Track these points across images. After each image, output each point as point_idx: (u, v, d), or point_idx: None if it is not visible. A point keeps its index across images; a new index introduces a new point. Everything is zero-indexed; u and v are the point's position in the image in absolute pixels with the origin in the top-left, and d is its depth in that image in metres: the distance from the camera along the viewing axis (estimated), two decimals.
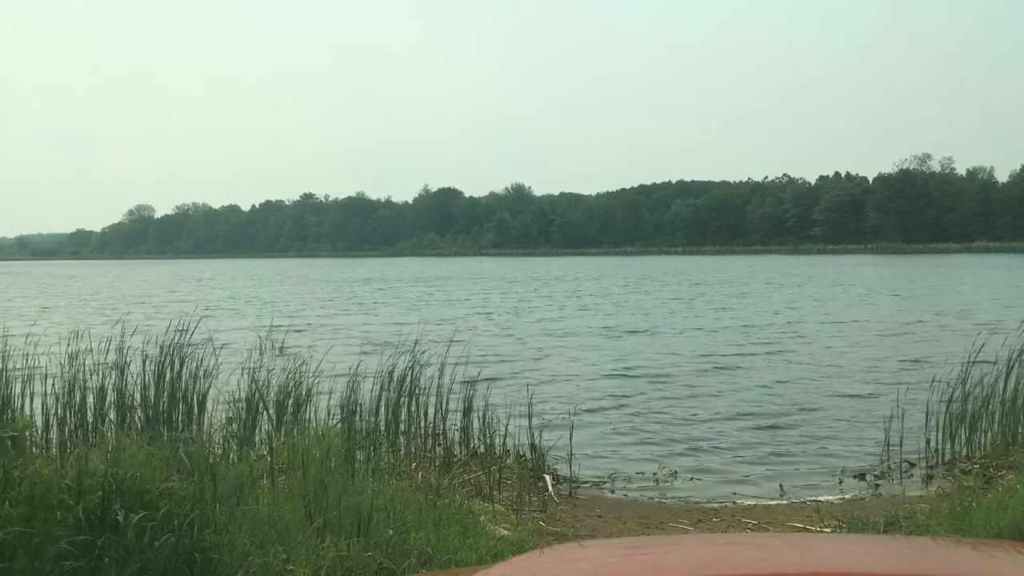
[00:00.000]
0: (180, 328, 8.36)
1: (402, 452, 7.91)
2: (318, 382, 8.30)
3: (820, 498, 7.77)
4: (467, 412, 8.37)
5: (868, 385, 13.79)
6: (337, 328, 24.14)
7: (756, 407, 12.19)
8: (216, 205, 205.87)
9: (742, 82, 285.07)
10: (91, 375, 7.82)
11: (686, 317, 27.38)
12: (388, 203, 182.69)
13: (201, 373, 8.10)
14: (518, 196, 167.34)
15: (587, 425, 10.84)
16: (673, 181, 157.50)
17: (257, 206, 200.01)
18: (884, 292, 37.42)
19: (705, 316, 27.65)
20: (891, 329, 22.50)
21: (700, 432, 10.67)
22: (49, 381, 7.92)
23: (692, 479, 8.61)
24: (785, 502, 7.77)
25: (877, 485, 8.26)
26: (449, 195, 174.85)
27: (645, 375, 15.31)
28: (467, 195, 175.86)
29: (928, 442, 8.78)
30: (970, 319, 23.96)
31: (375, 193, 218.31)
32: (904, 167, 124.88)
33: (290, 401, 8.01)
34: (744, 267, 72.78)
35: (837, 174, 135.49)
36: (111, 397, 7.75)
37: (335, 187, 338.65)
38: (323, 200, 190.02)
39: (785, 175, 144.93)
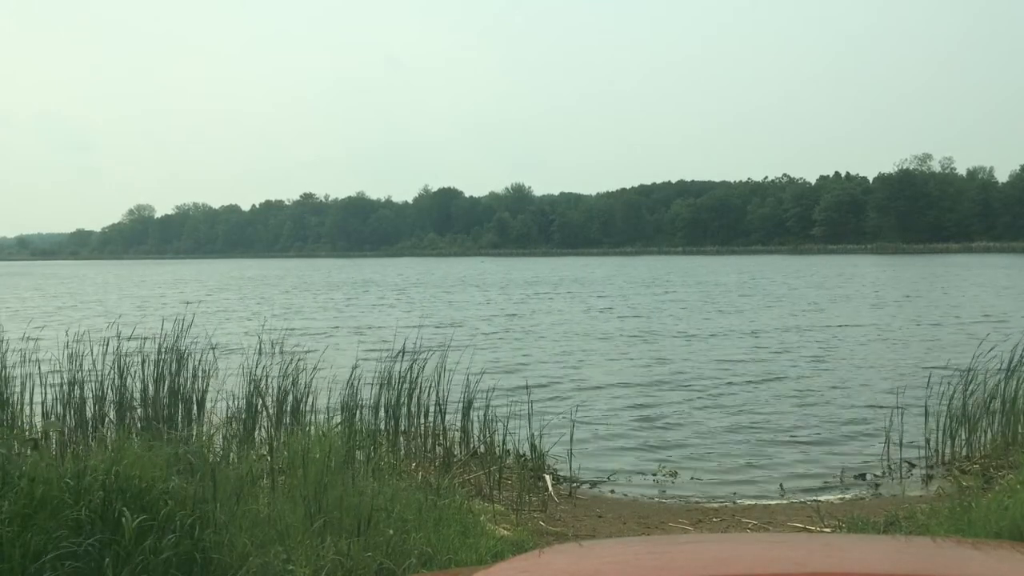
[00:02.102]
0: (180, 329, 8.35)
1: (402, 452, 7.91)
2: (318, 382, 8.30)
3: (820, 498, 7.77)
4: (467, 412, 8.37)
5: (869, 386, 13.79)
6: (353, 331, 24.12)
7: (757, 407, 12.19)
8: (216, 205, 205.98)
9: (742, 82, 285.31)
10: (91, 375, 7.82)
11: (689, 320, 27.37)
12: (388, 203, 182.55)
13: (201, 373, 8.10)
14: (518, 196, 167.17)
15: (588, 424, 10.83)
16: (673, 181, 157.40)
17: (257, 206, 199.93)
18: (901, 294, 37.02)
19: (706, 318, 27.65)
20: (899, 332, 22.50)
21: (700, 432, 10.67)
22: (49, 381, 7.92)
23: (692, 479, 8.61)
24: (785, 502, 7.78)
25: (877, 485, 8.26)
26: (449, 195, 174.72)
27: (645, 375, 15.31)
28: (467, 195, 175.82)
29: (928, 442, 8.78)
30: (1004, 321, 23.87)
31: (375, 193, 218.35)
32: (904, 167, 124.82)
33: (289, 400, 8.01)
34: (753, 267, 72.51)
35: (837, 174, 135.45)
36: (111, 397, 7.75)
37: (335, 187, 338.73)
38: (323, 200, 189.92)
39: (785, 175, 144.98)
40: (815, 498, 7.78)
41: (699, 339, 21.05)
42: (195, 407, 8.03)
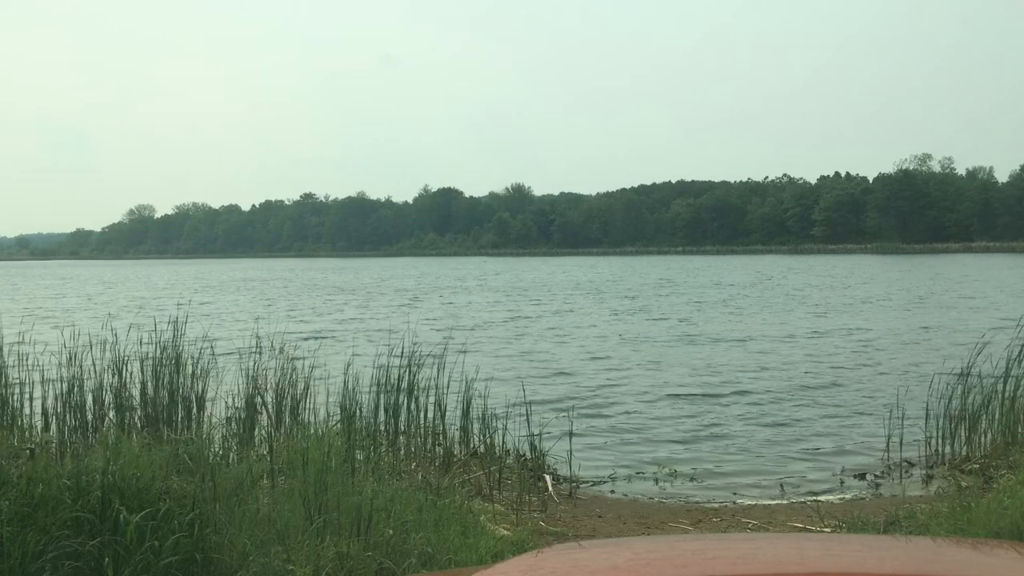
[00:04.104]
0: (181, 330, 8.34)
1: (402, 452, 7.91)
2: (319, 383, 8.29)
3: (820, 498, 7.77)
4: (467, 412, 8.36)
5: (869, 386, 13.79)
6: (355, 333, 24.11)
7: (756, 408, 12.20)
8: (216, 205, 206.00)
9: (742, 82, 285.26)
10: (90, 376, 7.81)
11: (691, 323, 27.37)
12: (388, 203, 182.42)
13: (201, 373, 8.09)
14: (518, 196, 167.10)
15: (587, 423, 10.83)
16: (673, 181, 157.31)
17: (257, 206, 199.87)
18: (912, 295, 36.69)
19: (709, 320, 27.64)
20: (901, 334, 22.50)
21: (700, 432, 10.67)
22: (49, 381, 7.91)
23: (692, 479, 8.61)
24: (785, 502, 7.77)
25: (877, 485, 8.26)
26: (449, 195, 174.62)
27: (646, 376, 15.31)
28: (467, 195, 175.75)
29: (928, 442, 8.78)
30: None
31: (375, 193, 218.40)
32: (904, 167, 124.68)
33: (289, 400, 8.01)
34: (758, 267, 72.27)
35: (837, 174, 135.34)
36: (110, 397, 7.74)
37: (335, 187, 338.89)
38: (323, 200, 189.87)
39: (785, 175, 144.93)
40: (815, 498, 7.77)
41: (700, 341, 21.04)
42: (195, 407, 8.02)
